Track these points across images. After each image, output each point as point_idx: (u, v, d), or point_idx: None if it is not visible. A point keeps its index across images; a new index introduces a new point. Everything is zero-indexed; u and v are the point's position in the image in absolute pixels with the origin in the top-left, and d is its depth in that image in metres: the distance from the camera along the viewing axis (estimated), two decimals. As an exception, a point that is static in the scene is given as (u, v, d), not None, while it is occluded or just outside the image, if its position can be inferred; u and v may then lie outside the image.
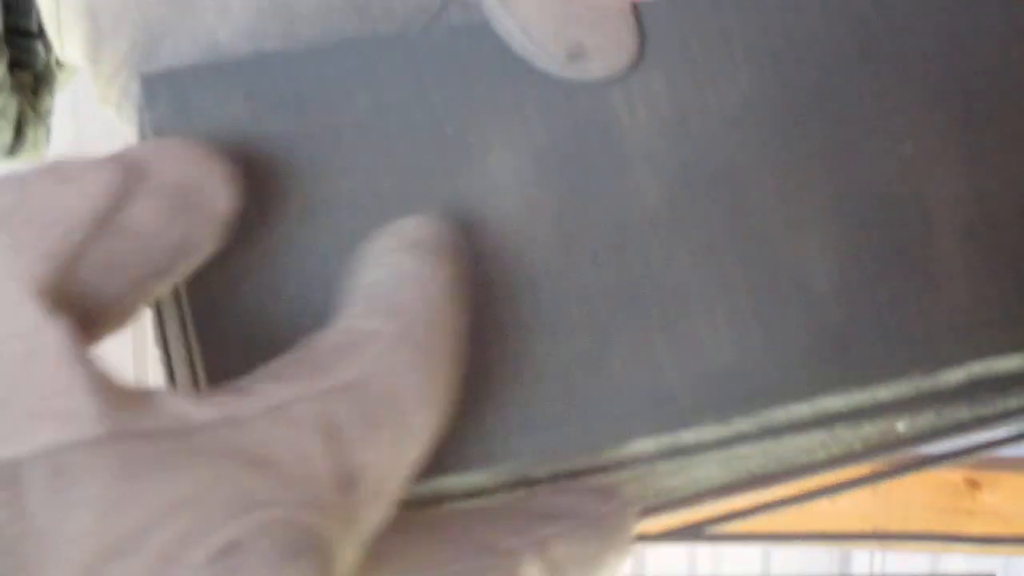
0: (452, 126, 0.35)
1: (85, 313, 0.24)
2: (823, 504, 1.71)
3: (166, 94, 0.35)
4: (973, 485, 1.72)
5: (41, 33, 0.42)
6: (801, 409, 0.35)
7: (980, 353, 0.35)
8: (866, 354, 0.35)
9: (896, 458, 0.39)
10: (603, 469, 0.34)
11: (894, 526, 1.73)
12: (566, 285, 0.34)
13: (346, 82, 0.36)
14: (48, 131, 0.45)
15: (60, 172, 0.25)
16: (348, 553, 0.23)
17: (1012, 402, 0.37)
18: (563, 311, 0.34)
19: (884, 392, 0.35)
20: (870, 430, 0.36)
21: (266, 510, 0.21)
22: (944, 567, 1.81)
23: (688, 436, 0.34)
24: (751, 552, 1.77)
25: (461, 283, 0.32)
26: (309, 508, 0.22)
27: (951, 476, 1.71)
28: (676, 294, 0.35)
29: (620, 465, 0.34)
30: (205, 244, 0.29)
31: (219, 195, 0.29)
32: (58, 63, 0.44)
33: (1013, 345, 0.35)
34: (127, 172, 0.26)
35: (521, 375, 0.33)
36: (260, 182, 0.34)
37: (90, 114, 0.40)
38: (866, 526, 1.73)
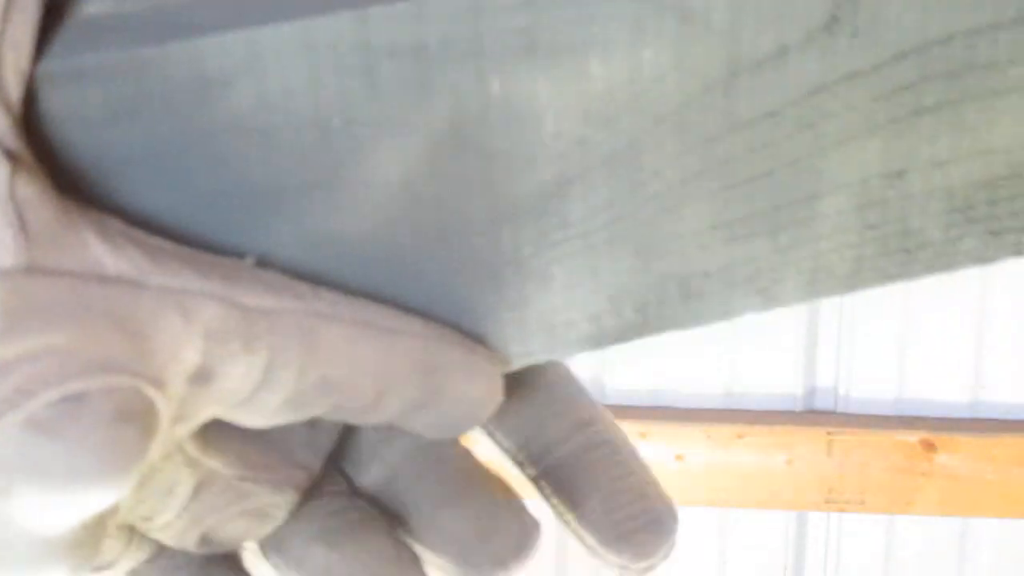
0: (340, 117, 0.30)
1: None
2: (779, 467, 1.72)
3: None
4: (929, 447, 1.72)
5: None
6: None
7: None
8: None
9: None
10: None
11: (849, 489, 1.74)
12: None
13: (225, 73, 0.30)
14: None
15: None
16: (172, 432, 0.26)
17: None
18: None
19: None
20: None
21: (120, 375, 0.24)
22: (901, 529, 1.82)
23: None
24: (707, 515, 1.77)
25: None
26: (157, 386, 0.25)
27: (907, 439, 1.72)
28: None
29: None
30: None
31: None
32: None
33: None
34: None
35: None
36: (119, 194, 0.30)
37: None
38: (822, 489, 1.74)
